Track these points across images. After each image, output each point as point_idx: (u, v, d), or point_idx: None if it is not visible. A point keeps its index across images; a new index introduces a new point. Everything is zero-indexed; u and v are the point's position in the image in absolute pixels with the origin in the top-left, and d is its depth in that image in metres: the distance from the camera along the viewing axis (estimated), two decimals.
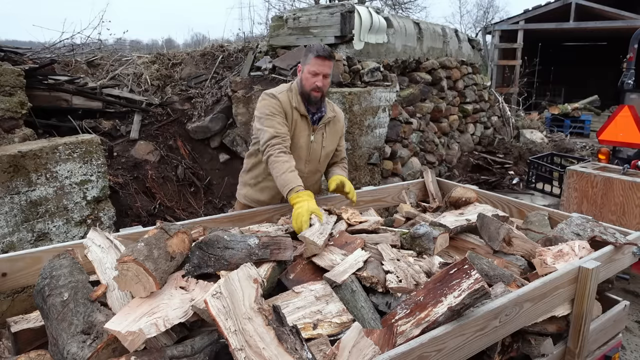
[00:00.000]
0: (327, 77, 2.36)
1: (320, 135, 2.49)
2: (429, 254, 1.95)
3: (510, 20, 15.03)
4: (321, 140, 2.50)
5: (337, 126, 2.58)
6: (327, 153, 2.55)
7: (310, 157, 2.49)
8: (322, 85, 2.35)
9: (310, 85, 2.33)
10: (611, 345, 2.05)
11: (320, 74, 2.32)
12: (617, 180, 3.69)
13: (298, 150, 2.43)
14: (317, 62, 2.31)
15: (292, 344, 1.21)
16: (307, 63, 2.34)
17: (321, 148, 2.50)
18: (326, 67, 2.34)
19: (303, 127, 2.43)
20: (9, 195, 2.91)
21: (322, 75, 2.33)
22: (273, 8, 15.26)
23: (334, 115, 2.55)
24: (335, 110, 2.59)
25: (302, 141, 2.44)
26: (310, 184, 2.55)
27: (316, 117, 2.47)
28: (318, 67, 2.32)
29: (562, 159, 5.99)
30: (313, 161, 2.51)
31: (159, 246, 1.41)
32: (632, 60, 5.01)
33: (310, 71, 2.33)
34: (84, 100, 4.42)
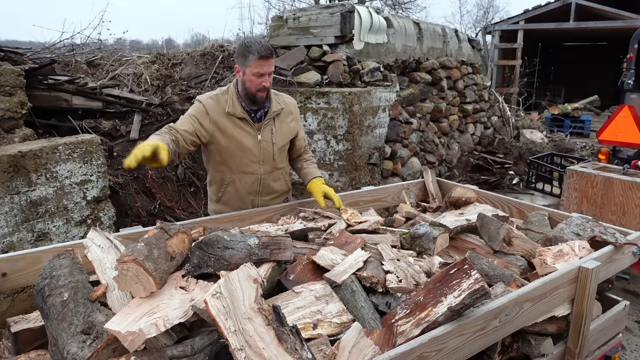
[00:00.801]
0: (271, 75, 2.27)
1: (269, 132, 2.39)
2: (429, 254, 1.95)
3: (510, 20, 15.03)
4: (270, 137, 2.40)
5: (288, 118, 2.47)
6: (279, 148, 2.45)
7: (263, 156, 2.40)
8: (269, 84, 2.27)
9: (257, 86, 2.23)
10: (611, 345, 2.05)
11: (266, 73, 2.22)
12: (617, 180, 3.69)
13: (247, 153, 2.36)
14: (261, 62, 2.19)
15: (292, 344, 1.21)
16: (249, 65, 2.20)
17: (272, 145, 2.41)
18: (270, 65, 2.23)
19: (245, 128, 2.34)
20: (9, 195, 2.91)
21: (267, 74, 2.23)
22: (273, 8, 15.29)
23: (282, 107, 2.43)
24: (284, 101, 2.48)
25: (248, 143, 2.35)
26: (271, 182, 2.48)
27: (260, 113, 2.37)
28: (262, 67, 2.20)
29: (562, 159, 5.99)
30: (267, 160, 2.42)
31: (159, 246, 1.41)
32: (632, 60, 5.02)
33: (254, 73, 2.20)
34: (84, 100, 4.41)
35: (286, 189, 2.62)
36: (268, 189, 2.49)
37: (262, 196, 2.49)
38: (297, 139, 2.56)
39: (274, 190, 2.53)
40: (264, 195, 2.50)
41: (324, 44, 5.28)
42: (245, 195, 2.45)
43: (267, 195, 2.51)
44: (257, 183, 2.44)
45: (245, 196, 2.45)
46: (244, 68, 2.24)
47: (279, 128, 2.43)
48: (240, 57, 2.25)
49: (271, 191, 2.51)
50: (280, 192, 2.57)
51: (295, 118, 2.54)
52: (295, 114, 2.54)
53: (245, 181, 2.42)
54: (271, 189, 2.51)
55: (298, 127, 2.56)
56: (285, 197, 2.62)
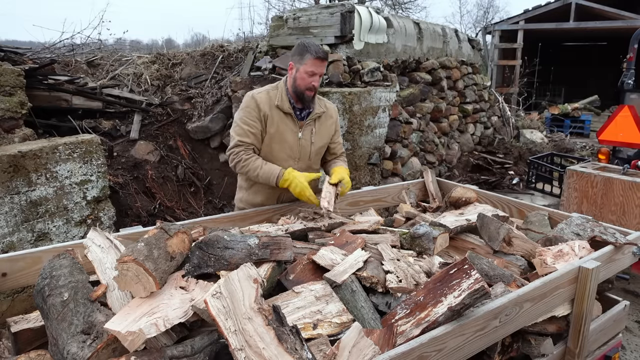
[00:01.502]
0: (320, 77, 2.38)
1: (309, 131, 2.47)
2: (428, 254, 1.95)
3: (510, 20, 15.03)
4: (310, 137, 2.47)
5: (328, 122, 2.56)
6: (317, 149, 2.53)
7: (300, 154, 2.46)
8: (318, 85, 2.37)
9: (307, 84, 2.33)
10: (611, 345, 2.05)
11: (318, 74, 2.33)
12: (617, 180, 3.69)
13: (285, 147, 2.43)
14: (316, 63, 2.31)
15: (292, 344, 1.21)
16: (304, 63, 2.32)
17: (310, 144, 2.48)
18: (323, 67, 2.36)
19: (288, 124, 2.41)
20: (9, 195, 2.91)
21: (318, 75, 2.34)
22: (273, 8, 15.28)
23: (323, 110, 2.52)
24: (326, 106, 2.57)
25: (288, 138, 2.42)
26: None
27: (304, 113, 2.45)
28: (316, 67, 2.32)
29: (562, 159, 5.99)
30: (303, 158, 2.49)
31: (159, 246, 1.41)
32: (632, 60, 5.01)
33: (307, 71, 2.31)
34: (84, 100, 4.42)
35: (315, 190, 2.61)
36: None
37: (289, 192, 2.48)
38: (333, 143, 2.63)
39: None
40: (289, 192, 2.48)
41: (324, 44, 5.27)
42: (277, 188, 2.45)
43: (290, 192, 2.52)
44: None
45: (275, 189, 2.47)
46: (298, 65, 2.35)
47: (319, 129, 2.51)
48: (297, 55, 2.36)
49: None
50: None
51: (335, 122, 2.61)
52: (335, 119, 2.62)
53: None
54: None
55: (336, 132, 2.64)
56: None
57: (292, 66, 2.39)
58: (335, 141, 2.64)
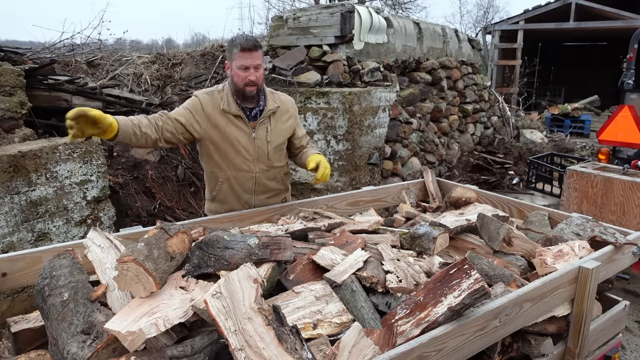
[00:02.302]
0: (259, 68, 2.22)
1: (264, 130, 2.36)
2: (428, 254, 1.95)
3: (510, 20, 15.03)
4: (265, 135, 2.37)
5: (283, 117, 2.43)
6: (275, 147, 2.41)
7: (257, 154, 2.37)
8: (256, 78, 2.22)
9: (243, 80, 2.21)
10: (611, 345, 2.05)
11: (250, 66, 2.19)
12: (617, 180, 3.69)
13: (241, 150, 2.34)
14: (244, 55, 2.17)
15: (292, 344, 1.21)
16: (233, 59, 2.20)
17: (266, 143, 2.38)
18: (255, 58, 2.19)
19: (239, 126, 2.32)
20: (9, 195, 2.91)
21: (252, 67, 2.19)
22: (273, 8, 15.28)
23: (277, 105, 2.40)
24: (280, 99, 2.43)
25: (242, 140, 2.33)
26: (266, 180, 2.45)
27: (255, 111, 2.35)
28: (246, 60, 2.17)
29: (562, 159, 5.99)
30: (261, 158, 2.39)
31: (159, 246, 1.41)
32: (632, 60, 5.02)
33: (238, 66, 2.19)
34: (84, 100, 4.41)
35: (283, 187, 2.58)
36: (264, 188, 2.47)
37: (257, 195, 2.47)
38: (295, 138, 2.53)
39: (269, 189, 2.49)
40: (260, 194, 2.47)
41: (324, 44, 5.28)
42: (240, 193, 2.44)
43: (262, 194, 2.48)
44: (252, 182, 2.42)
45: (240, 195, 2.44)
46: (230, 62, 2.24)
47: (275, 127, 2.41)
48: (228, 52, 2.27)
49: (267, 190, 2.48)
50: (277, 191, 2.54)
51: (293, 116, 2.50)
52: (293, 112, 2.50)
53: (239, 179, 2.41)
54: (267, 187, 2.48)
55: (295, 125, 2.52)
56: (283, 196, 2.59)
57: (227, 65, 2.29)
58: (297, 136, 2.53)
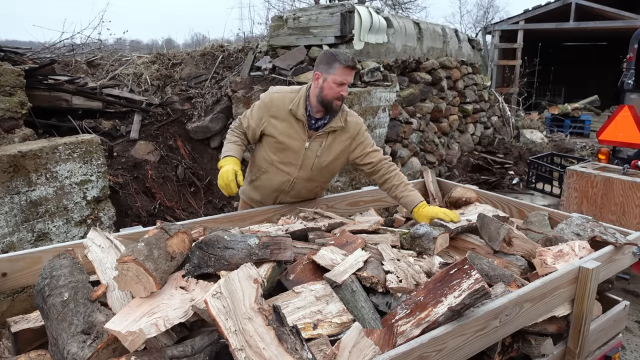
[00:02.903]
0: (349, 87, 2.34)
1: (318, 144, 2.37)
2: (429, 254, 1.95)
3: (510, 20, 15.03)
4: (317, 149, 2.38)
5: (342, 137, 2.41)
6: (321, 163, 2.41)
7: (303, 163, 2.39)
8: (346, 93, 2.30)
9: (335, 94, 2.26)
10: (611, 345, 2.05)
11: (347, 84, 2.27)
12: (617, 180, 3.69)
13: (289, 153, 2.38)
14: (346, 72, 2.24)
15: (292, 344, 1.21)
16: (333, 72, 2.24)
17: (315, 157, 2.39)
18: (351, 76, 2.29)
19: (297, 130, 2.36)
20: (9, 195, 2.91)
21: (347, 84, 2.28)
22: (273, 8, 15.28)
23: (341, 126, 2.39)
24: (347, 120, 2.42)
25: (294, 145, 2.37)
26: (302, 189, 2.50)
27: (319, 123, 2.37)
28: (345, 77, 2.25)
29: (562, 159, 5.99)
30: (305, 168, 2.41)
31: (159, 246, 1.41)
32: (632, 60, 5.01)
33: (336, 81, 2.24)
34: (84, 100, 4.42)
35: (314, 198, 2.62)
36: (296, 193, 2.50)
37: (288, 197, 2.51)
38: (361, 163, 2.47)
39: (301, 196, 2.54)
40: (291, 197, 2.52)
41: (324, 44, 5.27)
42: (274, 189, 2.48)
43: (293, 198, 2.53)
44: (288, 184, 2.45)
45: (273, 190, 2.49)
46: (326, 75, 2.26)
47: (330, 144, 2.40)
48: (323, 64, 2.29)
49: (299, 195, 2.52)
50: (306, 199, 2.58)
51: (351, 137, 2.43)
52: (352, 134, 2.43)
53: (277, 177, 2.45)
54: (299, 194, 2.52)
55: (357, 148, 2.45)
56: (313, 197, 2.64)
57: (318, 76, 2.29)
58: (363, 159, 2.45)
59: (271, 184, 2.48)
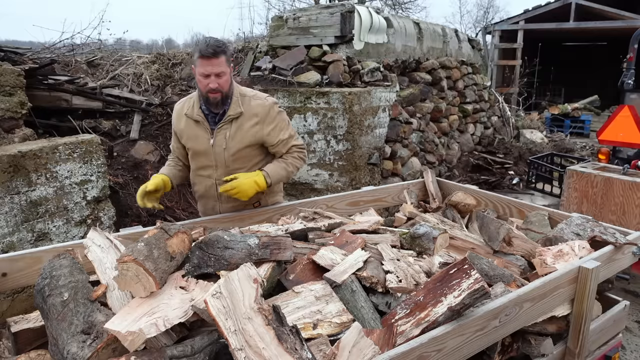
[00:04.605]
0: (221, 76, 2.12)
1: (223, 136, 2.26)
2: (428, 254, 1.95)
3: (510, 20, 15.03)
4: (222, 142, 2.26)
5: (248, 123, 2.27)
6: (232, 154, 2.28)
7: (216, 161, 2.29)
8: (218, 85, 2.12)
9: (205, 87, 2.13)
10: (611, 345, 2.05)
11: (211, 74, 2.09)
12: (617, 180, 3.69)
13: (201, 156, 2.31)
14: (203, 62, 2.08)
15: (292, 343, 1.21)
16: (196, 65, 2.12)
17: (223, 150, 2.26)
18: (215, 65, 2.08)
19: (199, 131, 2.28)
20: (9, 195, 2.91)
21: (212, 75, 2.10)
22: (273, 8, 15.29)
23: (240, 111, 2.25)
24: (249, 104, 2.27)
25: (201, 146, 2.29)
26: None
27: (219, 117, 2.27)
28: (205, 67, 2.09)
29: (562, 159, 5.99)
30: (220, 165, 2.30)
31: (159, 246, 1.41)
32: (632, 60, 5.01)
33: (199, 73, 2.12)
34: (84, 100, 4.41)
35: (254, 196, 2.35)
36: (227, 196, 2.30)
37: (222, 202, 2.39)
38: (268, 144, 2.35)
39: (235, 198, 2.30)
40: (225, 202, 2.38)
41: (324, 44, 5.28)
42: (208, 199, 2.42)
43: (228, 202, 2.37)
44: (214, 188, 2.35)
45: (207, 200, 2.43)
46: (194, 67, 2.17)
47: (235, 133, 2.27)
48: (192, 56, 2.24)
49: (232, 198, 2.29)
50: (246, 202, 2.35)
51: (261, 121, 2.29)
52: (262, 117, 2.29)
53: (203, 184, 2.39)
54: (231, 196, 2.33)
55: (267, 131, 2.31)
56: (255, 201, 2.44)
57: (192, 69, 2.21)
58: (270, 142, 2.33)
59: (203, 194, 2.42)
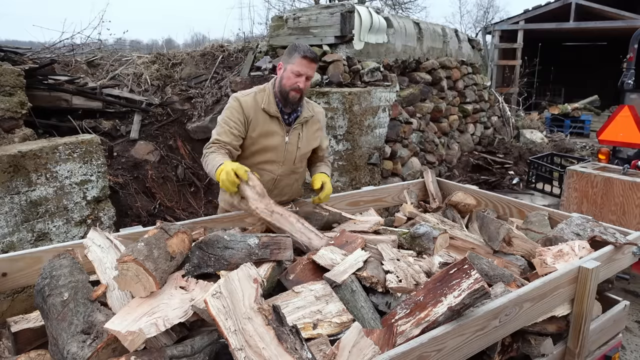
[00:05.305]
0: (309, 80, 2.32)
1: (296, 136, 2.42)
2: (428, 253, 1.95)
3: (510, 20, 15.03)
4: (297, 141, 2.42)
5: (314, 127, 2.51)
6: (302, 154, 2.48)
7: (285, 158, 2.42)
8: (304, 87, 2.29)
9: (292, 84, 2.27)
10: (611, 345, 2.05)
11: (304, 75, 2.27)
12: (617, 180, 3.69)
13: (271, 151, 2.39)
14: (303, 63, 2.25)
15: (292, 343, 1.21)
16: (292, 62, 2.27)
17: (296, 149, 2.43)
18: (311, 69, 2.28)
19: (275, 128, 2.37)
20: (9, 195, 2.91)
21: (305, 76, 2.27)
22: (273, 8, 15.30)
23: (311, 115, 2.47)
24: (314, 110, 2.51)
25: (275, 142, 2.38)
26: (284, 185, 2.50)
27: (292, 117, 2.41)
28: (303, 68, 2.25)
29: (562, 159, 5.99)
30: (287, 162, 2.44)
31: (159, 246, 1.41)
32: (632, 60, 5.01)
33: (294, 71, 2.26)
34: (84, 100, 4.42)
35: (297, 194, 2.62)
36: (280, 191, 2.50)
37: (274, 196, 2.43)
38: (319, 149, 2.58)
39: (285, 193, 2.52)
40: (277, 197, 2.46)
41: (324, 44, 5.28)
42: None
43: (276, 197, 2.46)
44: (272, 183, 2.44)
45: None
46: (286, 65, 2.30)
47: (306, 134, 2.46)
48: (286, 55, 2.32)
49: (282, 193, 2.51)
50: (290, 196, 2.56)
51: (322, 128, 2.56)
52: (322, 124, 2.57)
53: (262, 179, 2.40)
54: (283, 191, 2.51)
55: (322, 136, 2.58)
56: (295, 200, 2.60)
57: (280, 66, 2.35)
58: (322, 147, 2.59)
59: None
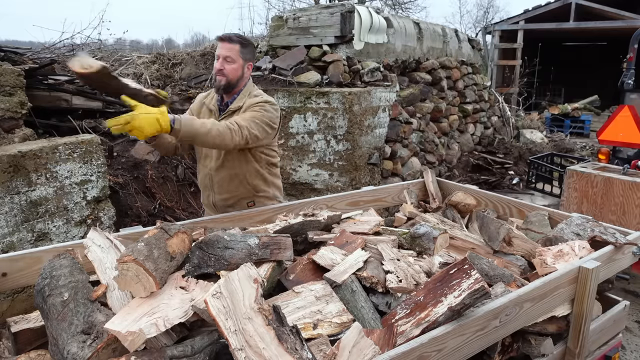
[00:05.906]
0: (229, 62, 2.24)
1: None
2: (429, 253, 1.95)
3: (510, 20, 15.03)
4: None
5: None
6: None
7: (212, 151, 2.35)
8: (224, 68, 2.23)
9: (215, 69, 2.27)
10: (611, 345, 2.05)
11: (221, 56, 2.24)
12: (617, 180, 3.69)
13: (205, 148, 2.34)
14: (219, 45, 2.25)
15: (292, 343, 1.21)
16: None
17: None
18: (224, 49, 2.23)
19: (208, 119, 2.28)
20: (9, 195, 2.91)
21: (222, 57, 2.24)
22: (273, 8, 15.30)
23: (239, 105, 2.30)
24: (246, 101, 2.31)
25: None
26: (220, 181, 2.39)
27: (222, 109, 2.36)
28: (219, 49, 2.25)
29: (562, 159, 6.00)
30: (215, 157, 2.36)
31: (159, 246, 1.41)
32: (632, 60, 5.01)
33: (215, 56, 2.28)
34: (84, 100, 4.41)
35: (247, 193, 2.43)
36: (220, 188, 2.40)
37: (216, 194, 2.43)
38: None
39: (227, 190, 2.40)
40: (218, 194, 2.42)
41: (324, 44, 5.28)
42: (204, 189, 2.49)
43: (221, 194, 2.42)
44: (209, 178, 2.42)
45: (204, 189, 2.50)
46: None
47: None
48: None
49: (225, 190, 2.40)
50: (237, 195, 2.42)
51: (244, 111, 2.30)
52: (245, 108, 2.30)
53: (202, 174, 2.48)
54: (224, 188, 2.40)
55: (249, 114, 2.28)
56: (249, 200, 2.46)
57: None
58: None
59: (201, 183, 2.51)
